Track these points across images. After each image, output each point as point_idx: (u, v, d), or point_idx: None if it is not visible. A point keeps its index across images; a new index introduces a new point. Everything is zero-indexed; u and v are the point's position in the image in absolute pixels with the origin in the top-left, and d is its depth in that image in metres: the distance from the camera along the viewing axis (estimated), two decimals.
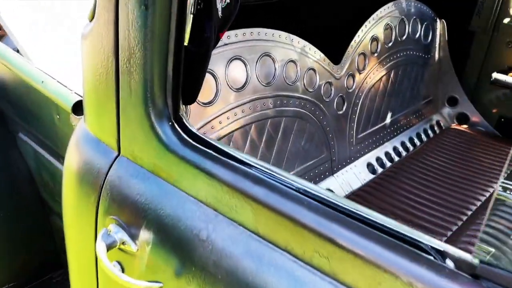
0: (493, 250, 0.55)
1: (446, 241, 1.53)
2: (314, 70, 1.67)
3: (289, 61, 1.56)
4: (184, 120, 0.83)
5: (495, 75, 2.27)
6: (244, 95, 1.44)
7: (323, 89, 1.73)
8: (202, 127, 1.33)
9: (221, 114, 1.38)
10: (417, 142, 2.31)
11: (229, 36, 1.35)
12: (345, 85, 1.84)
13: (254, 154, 1.52)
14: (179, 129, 0.81)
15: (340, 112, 1.85)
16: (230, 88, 1.39)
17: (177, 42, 0.79)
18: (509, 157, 2.04)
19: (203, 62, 0.89)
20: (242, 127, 1.45)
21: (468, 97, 2.44)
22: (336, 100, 1.81)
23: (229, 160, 0.74)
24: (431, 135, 2.40)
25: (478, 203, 1.73)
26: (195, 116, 1.30)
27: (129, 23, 0.76)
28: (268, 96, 1.51)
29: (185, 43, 0.82)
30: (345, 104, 1.87)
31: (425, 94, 2.42)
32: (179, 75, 0.82)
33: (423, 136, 2.37)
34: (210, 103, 1.34)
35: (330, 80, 1.75)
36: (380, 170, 2.06)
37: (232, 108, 1.41)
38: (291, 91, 1.59)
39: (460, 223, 1.61)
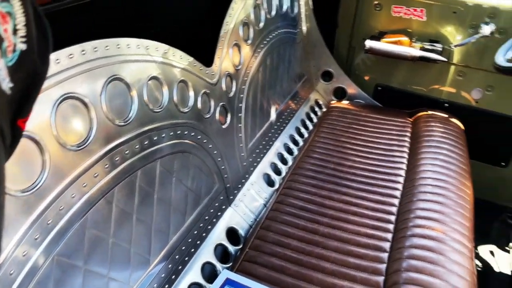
0: None
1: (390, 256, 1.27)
2: (184, 82, 1.18)
3: (149, 79, 1.05)
4: None
5: (368, 42, 2.07)
6: (93, 151, 0.89)
7: (200, 104, 1.26)
8: (28, 229, 0.76)
9: (58, 197, 0.82)
10: (304, 132, 2.03)
11: None
12: (224, 90, 1.40)
13: (126, 228, 1.00)
14: None
15: (225, 126, 1.42)
16: (65, 148, 0.83)
17: None
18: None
19: None
20: (100, 199, 0.92)
21: (342, 69, 2.23)
22: (217, 112, 1.36)
23: None
24: (314, 119, 2.14)
25: (397, 201, 1.51)
26: (11, 218, 0.73)
27: None
28: (130, 138, 0.99)
29: None
30: (229, 114, 1.43)
31: (300, 74, 2.13)
32: None
33: (307, 122, 2.09)
34: (33, 187, 0.77)
35: (206, 90, 1.29)
36: (277, 179, 1.71)
37: (76, 179, 0.86)
38: (160, 121, 1.09)
39: (390, 235, 1.37)
